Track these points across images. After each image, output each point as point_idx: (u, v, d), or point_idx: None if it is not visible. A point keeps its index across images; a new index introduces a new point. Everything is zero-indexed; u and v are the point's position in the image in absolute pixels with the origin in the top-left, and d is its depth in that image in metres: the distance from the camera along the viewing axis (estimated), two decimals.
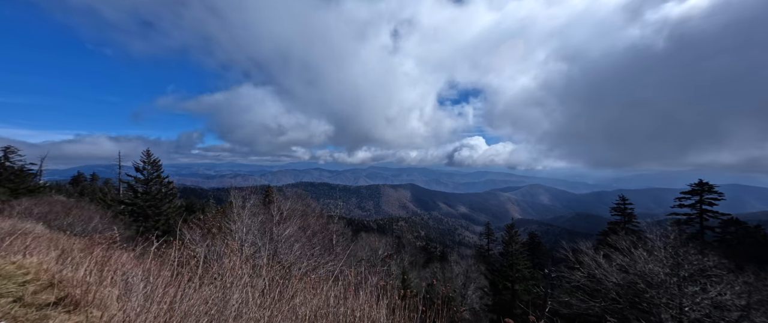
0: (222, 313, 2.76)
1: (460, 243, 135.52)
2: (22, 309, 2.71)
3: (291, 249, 9.21)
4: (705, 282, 8.65)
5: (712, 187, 21.80)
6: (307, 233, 12.03)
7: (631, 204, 23.71)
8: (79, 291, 3.07)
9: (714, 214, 21.63)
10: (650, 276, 9.00)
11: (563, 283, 15.20)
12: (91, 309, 2.85)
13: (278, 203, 13.17)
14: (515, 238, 21.42)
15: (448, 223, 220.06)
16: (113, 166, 30.00)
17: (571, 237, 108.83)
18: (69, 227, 11.64)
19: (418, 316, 3.09)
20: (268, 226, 9.86)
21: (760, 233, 19.67)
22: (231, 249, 3.99)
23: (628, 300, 9.38)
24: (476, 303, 19.15)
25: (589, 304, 9.95)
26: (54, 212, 13.16)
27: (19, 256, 4.09)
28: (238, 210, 9.99)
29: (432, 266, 24.53)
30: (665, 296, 8.49)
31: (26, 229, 6.52)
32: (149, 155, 21.47)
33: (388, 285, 3.27)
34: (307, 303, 3.10)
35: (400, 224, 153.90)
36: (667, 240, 9.70)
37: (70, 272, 3.65)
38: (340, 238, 17.81)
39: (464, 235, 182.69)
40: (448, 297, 3.20)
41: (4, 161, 21.96)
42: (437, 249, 44.51)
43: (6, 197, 17.37)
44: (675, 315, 8.21)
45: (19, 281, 3.30)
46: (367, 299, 3.12)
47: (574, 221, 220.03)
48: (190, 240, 8.45)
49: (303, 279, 3.75)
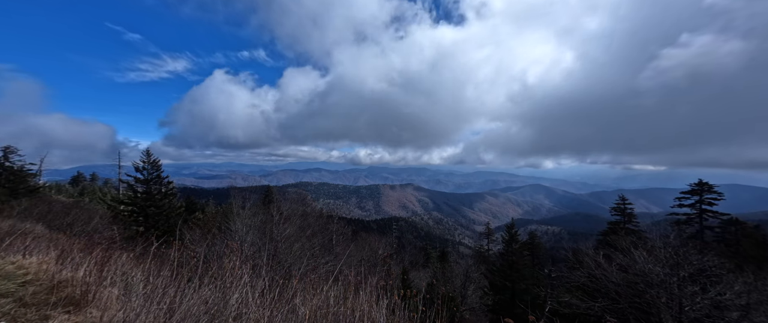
0: (222, 313, 2.76)
1: (460, 243, 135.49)
2: (22, 309, 2.71)
3: (291, 248, 9.22)
4: (705, 281, 8.65)
5: (711, 187, 21.82)
6: (307, 233, 12.03)
7: (631, 204, 23.73)
8: (78, 291, 3.07)
9: (714, 214, 21.65)
10: (650, 276, 8.99)
11: (563, 283, 15.21)
12: (91, 309, 2.84)
13: (278, 203, 13.18)
14: (515, 238, 21.41)
15: (448, 223, 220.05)
16: (113, 166, 29.99)
17: (571, 237, 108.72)
18: (69, 227, 11.64)
19: (418, 316, 3.09)
20: (268, 226, 9.87)
21: (759, 233, 19.68)
22: (231, 249, 3.99)
23: (628, 299, 9.38)
24: (476, 303, 19.14)
25: (589, 304, 9.95)
26: (54, 212, 13.15)
27: (19, 256, 4.09)
28: (238, 210, 10.00)
29: (432, 266, 24.52)
30: (665, 296, 8.49)
31: (26, 229, 6.52)
32: (149, 155, 21.43)
33: (388, 285, 3.27)
34: (307, 303, 3.10)
35: (400, 224, 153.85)
36: (667, 240, 9.70)
37: (69, 272, 3.65)
38: (340, 238, 17.82)
39: (464, 235, 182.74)
40: (448, 297, 3.19)
41: (4, 161, 21.95)
42: (437, 249, 44.53)
43: (6, 197, 17.36)
44: (675, 314, 8.21)
45: (18, 281, 3.29)
46: (367, 299, 3.12)
47: (574, 221, 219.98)
48: (190, 240, 8.45)
49: (303, 279, 3.75)
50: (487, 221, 42.85)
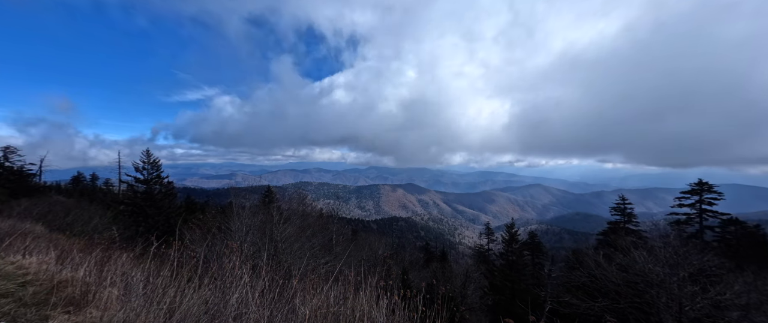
0: (222, 313, 2.76)
1: (459, 243, 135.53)
2: (21, 309, 2.71)
3: (291, 248, 9.22)
4: (705, 281, 8.65)
5: (711, 187, 21.82)
6: (307, 233, 12.02)
7: (631, 204, 23.73)
8: (78, 292, 3.07)
9: (714, 214, 21.64)
10: (650, 276, 9.00)
11: (563, 283, 15.21)
12: (91, 310, 2.84)
13: (278, 203, 13.17)
14: (515, 238, 21.43)
15: (448, 223, 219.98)
16: (113, 166, 29.97)
17: (571, 237, 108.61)
18: (68, 228, 11.65)
19: (418, 316, 3.09)
20: (268, 226, 9.86)
21: (759, 233, 19.67)
22: (231, 249, 3.99)
23: (628, 299, 9.39)
24: (476, 303, 19.14)
25: (589, 304, 9.95)
26: (53, 212, 13.16)
27: (19, 256, 4.09)
28: (238, 210, 9.99)
29: (432, 266, 24.52)
30: (665, 295, 8.49)
31: (26, 229, 6.52)
32: (149, 155, 21.43)
33: (388, 285, 3.27)
34: (307, 303, 3.10)
35: (400, 224, 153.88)
36: (667, 240, 9.71)
37: (69, 272, 3.65)
38: (340, 238, 17.81)
39: (464, 235, 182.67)
40: (448, 297, 3.19)
41: (4, 161, 21.94)
42: (437, 249, 44.51)
43: (5, 197, 17.36)
44: (675, 314, 8.21)
45: (18, 281, 3.29)
46: (367, 299, 3.12)
47: (574, 221, 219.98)
48: (190, 240, 8.44)
49: (303, 279, 3.75)
50: (487, 221, 42.83)
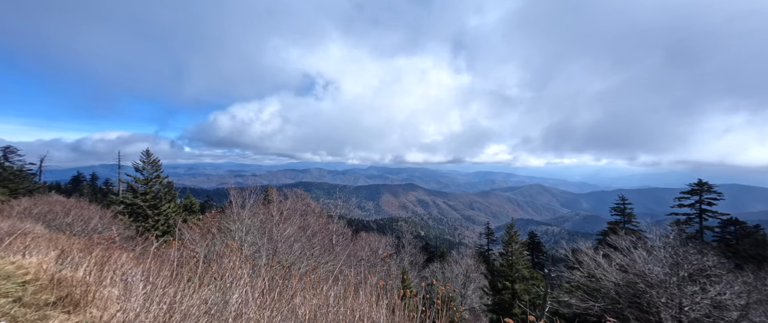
0: (222, 313, 2.76)
1: (460, 243, 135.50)
2: (21, 309, 2.70)
3: (291, 249, 9.22)
4: (704, 281, 8.65)
5: (711, 187, 21.83)
6: (307, 233, 12.03)
7: (630, 204, 23.75)
8: (78, 291, 3.06)
9: (713, 214, 21.65)
10: (650, 276, 9.00)
11: (563, 283, 15.21)
12: (91, 309, 2.84)
13: (278, 203, 13.17)
14: (515, 238, 21.40)
15: (448, 223, 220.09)
16: (113, 166, 29.97)
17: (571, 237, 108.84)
18: (68, 227, 11.64)
19: (418, 316, 3.09)
20: (268, 226, 9.87)
21: (759, 233, 19.68)
22: (231, 249, 3.99)
23: (627, 299, 9.39)
24: (476, 303, 19.15)
25: (589, 304, 9.95)
26: (53, 212, 13.14)
27: (19, 256, 4.09)
28: (238, 210, 10.00)
29: (432, 266, 24.53)
30: (665, 296, 8.49)
31: (26, 229, 6.52)
32: (149, 155, 21.43)
33: (388, 285, 3.27)
34: (307, 303, 3.10)
35: (400, 224, 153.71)
36: (667, 240, 9.71)
37: (69, 272, 3.64)
38: (340, 238, 17.81)
39: (464, 235, 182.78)
40: (448, 297, 3.20)
41: (4, 161, 21.94)
42: (437, 249, 44.51)
43: (5, 197, 17.36)
44: (675, 314, 8.21)
45: (18, 281, 3.29)
46: (367, 299, 3.12)
47: (574, 221, 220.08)
48: (190, 240, 8.45)
49: (303, 279, 3.75)
50: (487, 221, 42.88)
